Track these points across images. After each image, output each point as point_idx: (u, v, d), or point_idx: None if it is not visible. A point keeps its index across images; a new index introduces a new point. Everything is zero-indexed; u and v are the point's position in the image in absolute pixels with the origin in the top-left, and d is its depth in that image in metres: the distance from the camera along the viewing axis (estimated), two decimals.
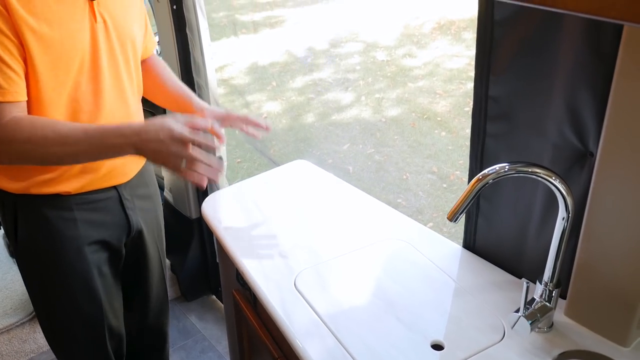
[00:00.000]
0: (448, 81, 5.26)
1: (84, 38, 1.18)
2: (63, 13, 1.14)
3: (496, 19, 1.03)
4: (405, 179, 4.00)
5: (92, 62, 1.22)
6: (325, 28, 6.64)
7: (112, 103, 1.28)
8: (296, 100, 5.25)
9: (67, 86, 1.19)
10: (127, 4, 1.30)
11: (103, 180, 1.35)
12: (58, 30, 1.14)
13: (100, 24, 1.21)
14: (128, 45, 1.30)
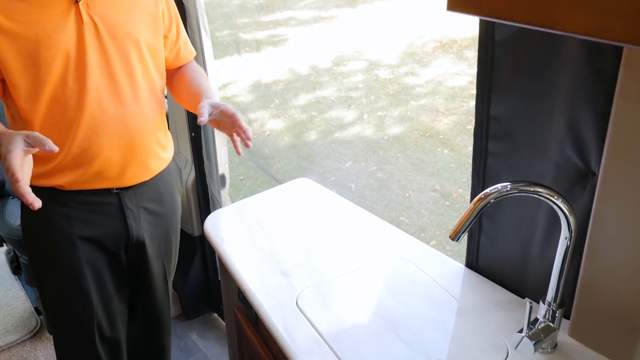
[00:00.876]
0: (450, 99, 5.28)
1: (65, 38, 1.23)
2: (40, 15, 1.21)
3: (497, 39, 1.04)
4: (408, 196, 4.00)
5: (78, 61, 1.26)
6: (328, 46, 6.69)
7: (102, 103, 1.32)
8: (299, 118, 5.27)
9: (49, 84, 1.25)
10: (128, 7, 1.33)
11: (95, 179, 1.38)
12: (33, 31, 1.20)
13: (89, 25, 1.26)
14: (129, 47, 1.33)
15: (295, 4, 8.08)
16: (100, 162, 1.35)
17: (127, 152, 1.39)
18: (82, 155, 1.33)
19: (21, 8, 1.19)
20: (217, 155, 2.25)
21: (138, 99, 1.38)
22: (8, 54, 1.20)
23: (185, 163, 2.31)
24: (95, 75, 1.29)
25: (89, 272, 1.45)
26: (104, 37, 1.28)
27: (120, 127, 1.35)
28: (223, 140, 2.27)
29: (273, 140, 4.89)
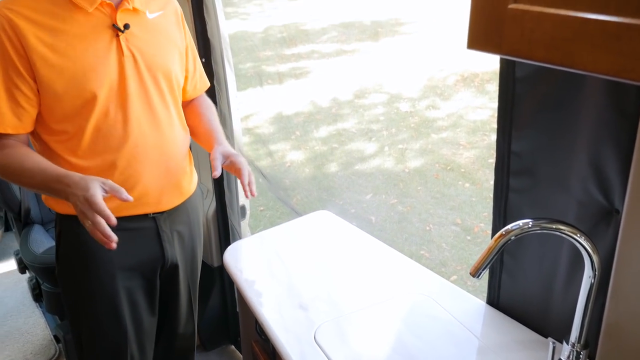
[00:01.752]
0: (472, 133, 5.27)
1: (108, 70, 1.29)
2: (85, 50, 1.26)
3: (518, 75, 1.04)
4: (429, 230, 3.97)
5: (120, 91, 1.32)
6: (349, 79, 6.75)
7: (143, 130, 1.37)
8: (320, 150, 5.30)
9: (94, 114, 1.29)
10: (161, 41, 1.40)
11: (136, 206, 1.40)
12: (81, 64, 1.25)
13: (129, 57, 1.32)
14: (161, 78, 1.40)
15: (318, 37, 8.21)
16: (141, 188, 1.39)
17: (164, 177, 1.44)
18: (124, 182, 1.35)
19: (69, 42, 1.24)
20: (238, 186, 2.26)
21: (172, 126, 1.44)
22: (57, 86, 1.24)
23: (206, 193, 2.33)
24: (135, 104, 1.34)
25: (125, 301, 1.47)
26: (141, 68, 1.34)
27: (159, 153, 1.40)
28: None
29: (293, 172, 4.91)
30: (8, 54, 1.21)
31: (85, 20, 1.27)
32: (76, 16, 1.26)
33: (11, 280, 3.16)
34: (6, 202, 2.47)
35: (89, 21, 1.27)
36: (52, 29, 1.23)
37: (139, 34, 1.35)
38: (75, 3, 1.25)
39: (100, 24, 1.28)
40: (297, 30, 8.52)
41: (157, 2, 1.43)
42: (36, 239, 2.39)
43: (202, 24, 2.02)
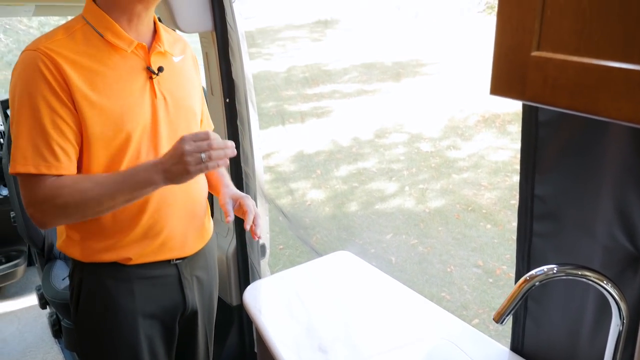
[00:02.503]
0: (493, 173, 5.24)
1: (143, 111, 1.30)
2: (122, 90, 1.27)
3: (541, 119, 1.05)
4: (450, 271, 3.91)
5: (152, 132, 1.33)
6: (370, 119, 6.80)
7: None
8: (340, 189, 5.30)
9: (128, 155, 1.29)
10: (186, 84, 1.43)
11: (161, 250, 1.39)
12: (119, 104, 1.25)
13: (160, 99, 1.33)
14: (190, 120, 1.42)
15: (340, 77, 8.33)
16: (167, 232, 1.38)
17: (189, 222, 1.43)
18: (152, 226, 1.35)
19: (107, 83, 1.25)
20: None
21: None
22: (96, 126, 1.23)
23: (227, 232, 2.34)
24: (166, 146, 1.34)
25: (145, 348, 1.44)
26: (171, 111, 1.36)
27: (185, 196, 1.41)
28: (265, 210, 2.30)
29: (314, 210, 4.91)
30: (52, 87, 1.18)
31: (122, 62, 1.28)
32: (113, 58, 1.27)
33: (31, 315, 3.17)
34: (30, 237, 2.51)
35: (126, 63, 1.28)
36: (91, 69, 1.23)
37: (168, 76, 1.37)
38: (113, 44, 1.26)
39: (136, 66, 1.30)
40: (319, 71, 8.66)
41: (178, 46, 1.46)
42: (58, 274, 2.41)
43: (227, 66, 2.06)
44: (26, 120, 1.18)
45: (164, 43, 1.36)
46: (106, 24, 1.26)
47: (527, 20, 0.64)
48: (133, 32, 1.30)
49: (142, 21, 1.30)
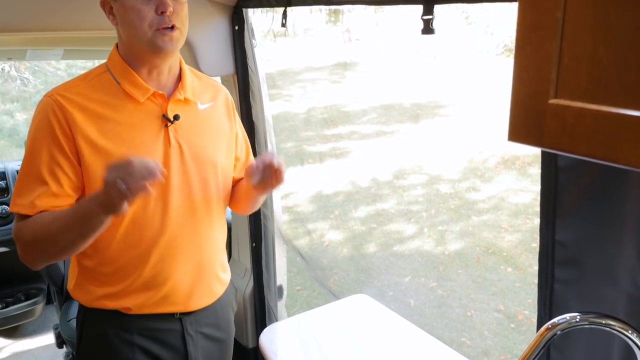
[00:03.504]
0: (514, 216, 5.18)
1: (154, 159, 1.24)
2: (133, 138, 1.25)
3: (560, 165, 1.04)
4: (470, 316, 3.83)
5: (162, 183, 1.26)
6: (389, 160, 6.82)
7: (180, 224, 1.32)
8: (358, 230, 5.28)
9: (134, 205, 1.24)
10: (209, 133, 1.38)
11: (163, 303, 1.34)
12: (127, 152, 1.21)
13: (175, 147, 1.30)
14: (208, 170, 1.36)
15: (358, 118, 8.40)
16: (170, 285, 1.33)
17: (195, 275, 1.37)
18: (154, 277, 1.31)
19: (117, 130, 1.24)
20: (276, 266, 2.26)
21: (210, 220, 1.39)
22: (99, 171, 1.20)
23: (244, 272, 2.33)
24: (176, 196, 1.31)
25: None
26: (187, 160, 1.32)
27: (193, 249, 1.35)
28: (282, 251, 2.30)
29: (332, 252, 4.89)
30: (56, 137, 1.21)
31: (136, 110, 1.27)
32: (127, 105, 1.26)
33: (48, 354, 3.16)
34: (50, 276, 2.53)
35: (140, 111, 1.27)
36: (102, 116, 1.24)
37: (188, 125, 1.33)
38: (128, 93, 1.26)
39: (150, 114, 1.28)
40: (338, 112, 8.76)
41: (208, 92, 1.42)
42: (75, 313, 2.41)
43: (248, 108, 2.10)
44: (27, 164, 1.23)
45: (187, 90, 1.34)
46: (125, 73, 1.27)
47: (544, 69, 0.64)
48: (154, 82, 1.30)
49: (162, 72, 1.30)
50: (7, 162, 2.84)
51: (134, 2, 1.18)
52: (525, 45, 0.66)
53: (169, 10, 1.19)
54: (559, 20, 0.61)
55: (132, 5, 1.18)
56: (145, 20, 1.18)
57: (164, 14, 1.19)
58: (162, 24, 1.19)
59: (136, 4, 1.18)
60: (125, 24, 1.22)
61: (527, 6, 0.64)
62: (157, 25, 1.19)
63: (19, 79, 8.75)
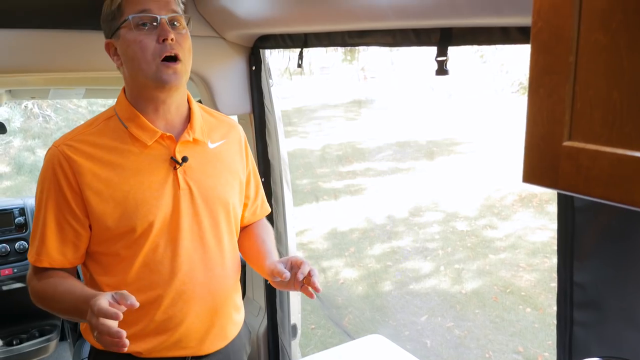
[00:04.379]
0: (532, 254, 5.11)
1: (162, 204, 1.25)
2: (141, 183, 1.24)
3: (577, 205, 1.03)
4: (488, 358, 3.74)
5: (172, 225, 1.27)
6: (404, 197, 6.80)
7: (192, 267, 1.30)
8: (374, 268, 5.23)
9: (144, 249, 1.25)
10: (220, 172, 1.36)
11: (175, 347, 1.31)
12: (133, 198, 1.22)
13: (185, 190, 1.27)
14: (219, 210, 1.34)
15: (374, 156, 8.43)
16: (183, 329, 1.30)
17: (208, 319, 1.34)
18: (166, 322, 1.28)
19: (124, 176, 1.22)
20: (290, 304, 2.24)
21: (223, 262, 1.37)
22: (109, 220, 1.21)
23: (258, 311, 2.31)
24: (186, 239, 1.28)
25: None
26: (197, 202, 1.29)
27: (206, 292, 1.32)
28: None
29: (347, 289, 4.84)
30: (62, 190, 1.21)
31: (143, 154, 1.25)
32: (135, 149, 1.25)
33: None
34: None
35: (148, 154, 1.26)
36: (109, 163, 1.23)
37: (198, 165, 1.31)
38: (135, 136, 1.25)
39: (158, 157, 1.26)
40: (354, 149, 8.80)
41: (219, 130, 1.40)
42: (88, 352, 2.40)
43: (264, 146, 2.12)
44: (36, 215, 1.27)
45: (196, 130, 1.32)
46: (132, 116, 1.26)
47: (557, 111, 0.64)
48: (161, 120, 1.28)
49: (169, 108, 1.28)
50: (27, 198, 2.88)
51: (136, 35, 1.19)
52: (538, 88, 0.66)
53: (170, 38, 1.18)
54: (572, 64, 0.62)
55: (134, 38, 1.19)
56: (148, 50, 1.18)
57: (166, 41, 1.18)
58: (164, 52, 1.19)
59: (138, 36, 1.19)
60: (129, 59, 1.22)
61: (540, 50, 0.65)
62: (159, 53, 1.19)
63: (41, 116, 8.96)
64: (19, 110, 8.54)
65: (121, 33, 1.21)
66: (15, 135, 8.57)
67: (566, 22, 0.61)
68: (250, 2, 1.67)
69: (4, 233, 2.73)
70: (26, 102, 8.44)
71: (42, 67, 1.78)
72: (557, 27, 0.63)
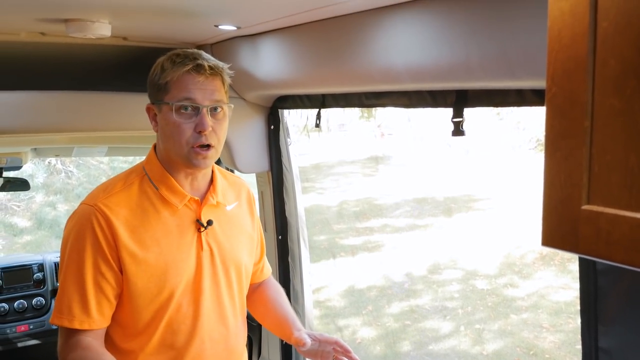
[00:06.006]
0: (555, 314, 4.97)
1: (187, 265, 1.28)
2: (170, 245, 1.27)
3: (599, 268, 1.01)
4: None
5: (194, 285, 1.30)
6: (423, 254, 6.72)
7: (211, 325, 1.32)
8: (392, 327, 5.12)
9: (169, 309, 1.26)
10: (235, 234, 1.40)
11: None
12: (163, 260, 1.25)
13: (207, 251, 1.31)
14: (232, 270, 1.37)
15: (391, 212, 8.40)
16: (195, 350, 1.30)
17: None
18: None
19: (155, 238, 1.25)
20: None
21: (236, 320, 1.39)
22: (140, 282, 1.24)
23: None
24: (207, 299, 1.31)
25: None
26: (216, 262, 1.33)
27: (223, 348, 1.34)
28: None
29: (364, 349, 4.73)
30: (101, 248, 1.22)
31: (173, 217, 1.29)
32: (165, 211, 1.29)
33: None
34: None
35: (178, 217, 1.30)
36: (142, 225, 1.26)
37: (218, 227, 1.35)
38: (166, 198, 1.28)
39: (186, 219, 1.30)
40: (371, 205, 8.79)
41: (233, 192, 1.44)
42: None
43: (281, 204, 2.13)
44: (71, 275, 1.24)
45: (219, 194, 1.36)
46: (163, 178, 1.29)
47: (575, 175, 0.64)
48: (188, 185, 1.32)
49: (197, 177, 1.33)
50: (46, 253, 2.90)
51: (176, 118, 1.22)
52: (555, 152, 0.66)
53: (207, 131, 1.22)
54: (588, 128, 0.62)
55: (174, 121, 1.22)
56: (184, 136, 1.22)
57: (202, 133, 1.22)
58: (198, 142, 1.22)
59: (178, 120, 1.22)
60: (165, 136, 1.26)
61: (555, 115, 0.65)
62: (193, 142, 1.23)
63: (63, 171, 9.14)
64: (43, 166, 8.73)
65: (163, 109, 1.25)
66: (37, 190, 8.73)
67: (580, 87, 0.62)
68: (270, 64, 1.72)
69: (22, 289, 2.74)
70: (50, 158, 8.63)
71: (67, 127, 1.84)
72: (571, 92, 0.63)
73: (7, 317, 2.69)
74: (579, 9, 0.60)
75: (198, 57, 1.23)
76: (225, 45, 1.86)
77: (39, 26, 1.58)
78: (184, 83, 1.21)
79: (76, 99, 1.80)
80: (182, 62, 1.21)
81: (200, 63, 1.21)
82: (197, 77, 1.21)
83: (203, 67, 1.21)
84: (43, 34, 1.69)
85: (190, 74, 1.21)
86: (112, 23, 1.50)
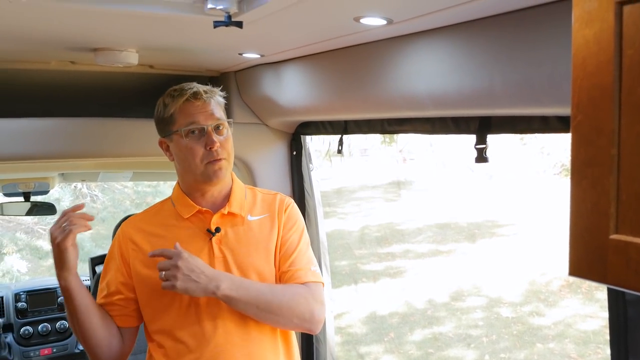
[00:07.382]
0: (582, 344, 4.84)
1: None
2: None
3: (628, 298, 0.98)
4: None
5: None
6: (446, 280, 6.63)
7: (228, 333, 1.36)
8: (414, 355, 5.04)
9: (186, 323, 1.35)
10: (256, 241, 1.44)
11: None
12: None
13: (219, 257, 1.39)
14: (253, 276, 1.41)
15: (414, 237, 8.33)
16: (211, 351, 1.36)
17: None
18: None
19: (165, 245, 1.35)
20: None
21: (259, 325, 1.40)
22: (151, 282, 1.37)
23: None
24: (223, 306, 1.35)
25: None
26: (232, 268, 1.39)
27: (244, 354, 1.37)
28: None
29: None
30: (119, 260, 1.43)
31: (184, 227, 1.42)
32: (178, 223, 1.43)
33: None
34: None
35: (189, 227, 1.42)
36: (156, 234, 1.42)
37: (234, 235, 1.42)
38: (178, 212, 1.44)
39: (197, 229, 1.42)
40: (393, 230, 8.73)
41: (263, 206, 1.49)
42: None
43: None
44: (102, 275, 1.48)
45: (233, 205, 1.44)
46: (181, 199, 1.45)
47: (602, 203, 0.63)
48: (203, 200, 1.44)
49: (213, 193, 1.44)
50: None
51: (187, 142, 1.37)
52: (581, 180, 0.66)
53: (216, 146, 1.36)
54: (614, 156, 0.61)
55: (186, 145, 1.37)
56: (197, 155, 1.37)
57: (212, 149, 1.36)
58: (210, 158, 1.37)
59: (189, 143, 1.37)
60: (181, 160, 1.41)
61: (581, 143, 0.65)
62: (207, 159, 1.37)
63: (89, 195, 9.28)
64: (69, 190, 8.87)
65: (174, 138, 1.40)
66: None
67: (606, 115, 0.61)
68: (292, 91, 1.74)
69: (46, 312, 2.77)
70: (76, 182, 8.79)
71: (94, 153, 1.88)
72: (597, 120, 0.63)
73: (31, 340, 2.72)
74: (604, 36, 0.59)
75: (192, 86, 1.39)
76: (248, 72, 1.89)
77: (69, 55, 1.65)
78: (187, 110, 1.37)
79: (102, 125, 1.85)
80: (180, 93, 1.38)
81: (196, 90, 1.38)
82: (196, 102, 1.37)
83: (199, 93, 1.37)
84: (72, 63, 1.75)
85: (190, 101, 1.37)
86: (139, 52, 1.57)
